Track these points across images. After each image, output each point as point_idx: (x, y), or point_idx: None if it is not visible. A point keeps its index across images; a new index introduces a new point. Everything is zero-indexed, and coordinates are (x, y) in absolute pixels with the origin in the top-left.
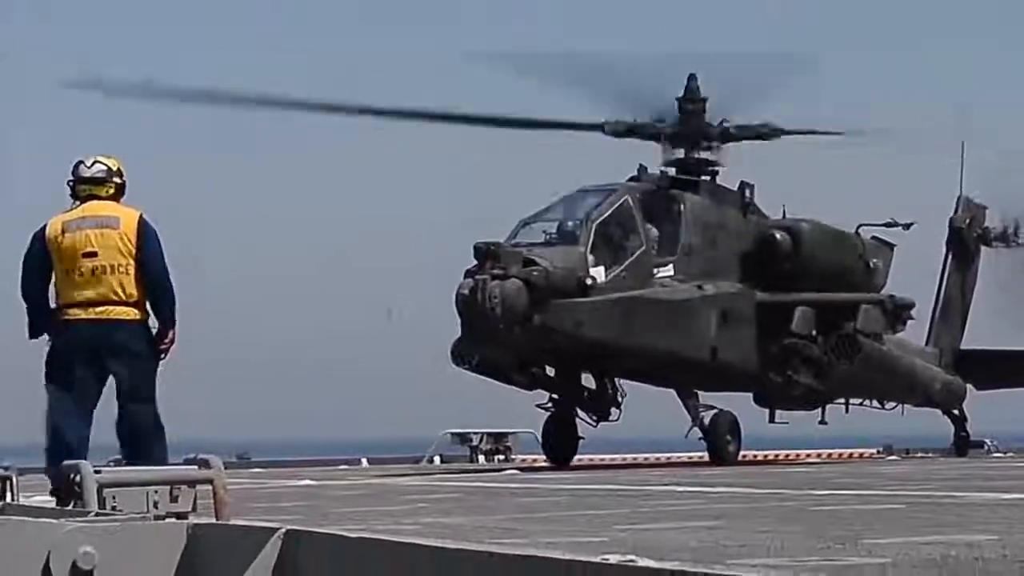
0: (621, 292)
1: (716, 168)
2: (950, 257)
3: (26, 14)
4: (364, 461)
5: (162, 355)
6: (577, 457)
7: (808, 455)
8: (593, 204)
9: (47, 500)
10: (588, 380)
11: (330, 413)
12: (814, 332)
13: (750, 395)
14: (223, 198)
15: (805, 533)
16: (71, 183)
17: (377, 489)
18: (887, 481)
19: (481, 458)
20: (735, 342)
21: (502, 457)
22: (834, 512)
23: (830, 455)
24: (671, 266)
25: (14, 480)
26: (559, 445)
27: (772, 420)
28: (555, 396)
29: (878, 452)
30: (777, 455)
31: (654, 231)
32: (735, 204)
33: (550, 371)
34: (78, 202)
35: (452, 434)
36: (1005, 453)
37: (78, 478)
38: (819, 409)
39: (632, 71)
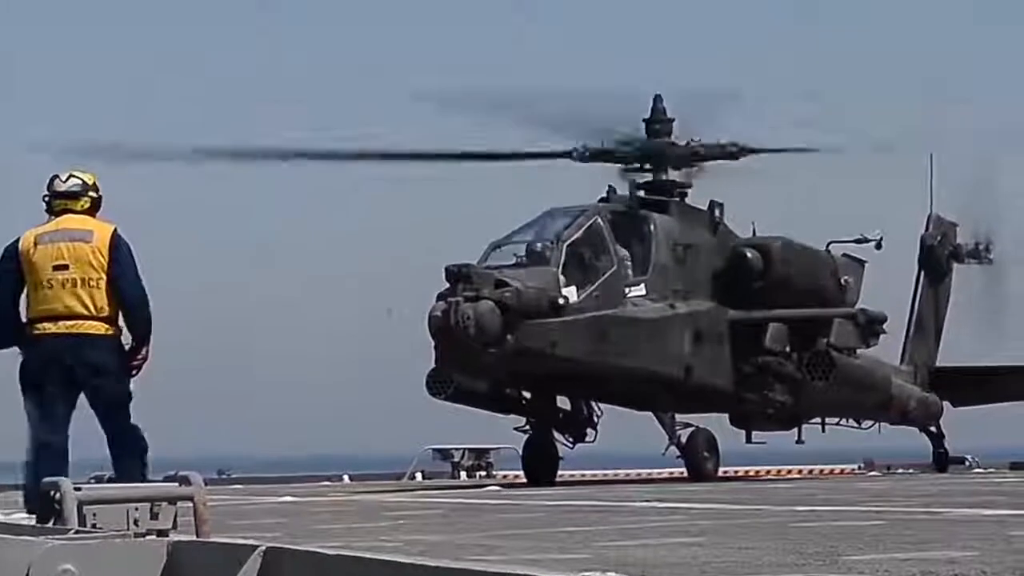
0: (594, 311)
1: (685, 189)
2: (922, 275)
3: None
4: (346, 478)
5: (134, 372)
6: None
7: (789, 471)
8: (563, 225)
9: (26, 517)
10: (564, 402)
11: (311, 430)
12: (788, 348)
13: (726, 416)
14: (207, 213)
15: (785, 550)
16: (46, 198)
17: (359, 506)
18: (868, 498)
19: (463, 474)
20: (709, 360)
21: (483, 473)
22: (814, 528)
23: (811, 471)
24: (643, 286)
25: None
26: (538, 468)
27: (749, 440)
28: (532, 419)
29: (859, 468)
30: (758, 471)
31: (625, 251)
32: (705, 223)
33: (526, 394)
34: (53, 216)
35: (434, 450)
36: (986, 469)
37: (58, 495)
38: (795, 428)
39: (597, 96)
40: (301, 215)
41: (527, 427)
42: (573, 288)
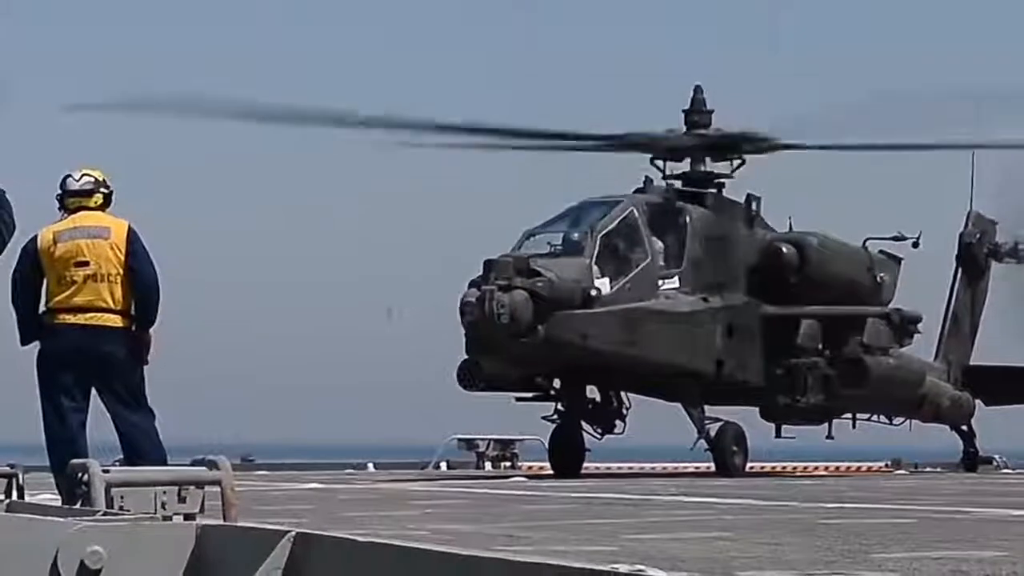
0: (626, 303)
1: (722, 180)
2: (960, 272)
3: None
4: (371, 466)
5: (146, 357)
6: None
7: (816, 468)
8: (598, 215)
9: (52, 498)
10: (593, 392)
11: (335, 417)
12: (820, 346)
13: (756, 410)
14: (225, 202)
15: (814, 546)
16: (59, 196)
17: (384, 494)
18: (896, 495)
19: (488, 464)
20: (741, 355)
21: (508, 464)
22: (843, 525)
23: (838, 468)
24: (676, 278)
25: (20, 478)
26: (565, 458)
27: (779, 435)
28: (560, 408)
29: (886, 466)
30: (785, 467)
31: (659, 243)
32: (741, 217)
33: (556, 383)
34: (66, 213)
35: (459, 440)
36: (1014, 469)
37: (86, 477)
38: (826, 424)
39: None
40: (322, 194)
41: (555, 416)
42: (606, 280)
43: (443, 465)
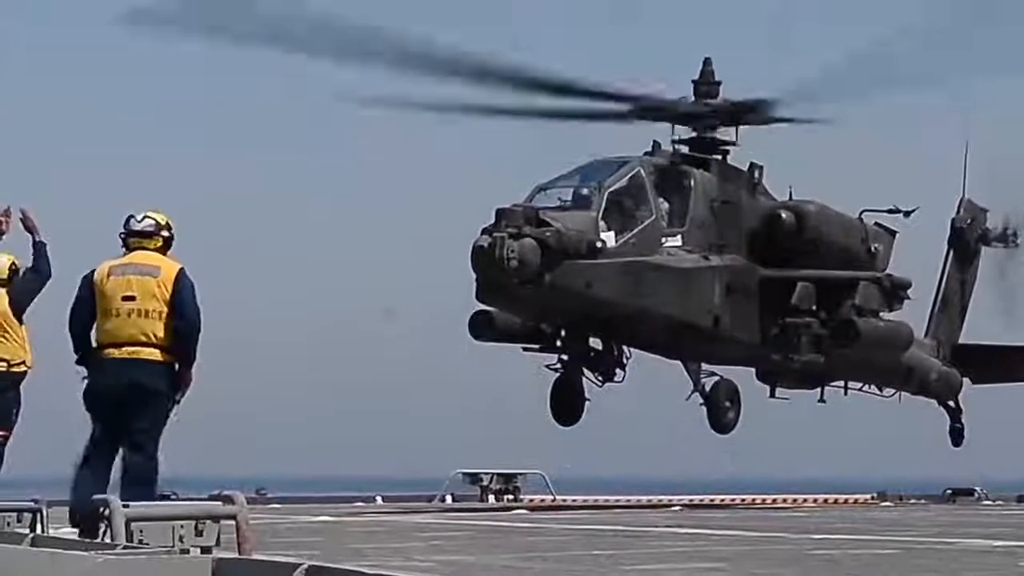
0: (629, 257)
1: (727, 148)
2: (951, 255)
3: None
4: (379, 499)
5: (179, 396)
6: (581, 498)
7: (805, 500)
8: (607, 173)
9: (72, 531)
10: (596, 342)
11: (342, 451)
12: (814, 307)
13: (753, 372)
14: (224, 214)
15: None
16: (122, 235)
17: (392, 526)
18: (883, 527)
19: (491, 497)
20: (737, 312)
21: (511, 497)
22: (831, 556)
23: (826, 500)
24: (679, 237)
25: (44, 513)
26: (565, 407)
27: (773, 395)
28: (563, 358)
29: (872, 498)
30: (775, 500)
31: (664, 203)
32: (744, 183)
33: (561, 335)
34: (128, 252)
35: (463, 474)
36: (994, 501)
37: (107, 512)
38: (819, 388)
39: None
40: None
41: (558, 365)
42: (612, 233)
43: (448, 498)
